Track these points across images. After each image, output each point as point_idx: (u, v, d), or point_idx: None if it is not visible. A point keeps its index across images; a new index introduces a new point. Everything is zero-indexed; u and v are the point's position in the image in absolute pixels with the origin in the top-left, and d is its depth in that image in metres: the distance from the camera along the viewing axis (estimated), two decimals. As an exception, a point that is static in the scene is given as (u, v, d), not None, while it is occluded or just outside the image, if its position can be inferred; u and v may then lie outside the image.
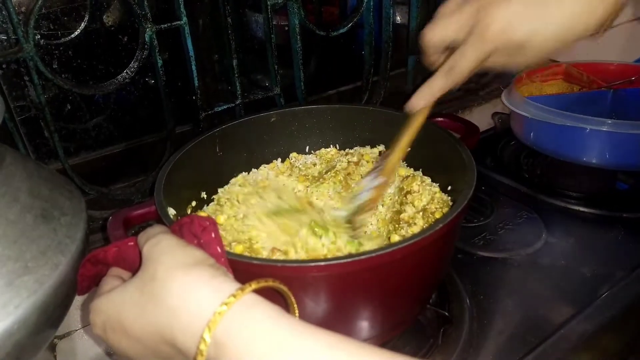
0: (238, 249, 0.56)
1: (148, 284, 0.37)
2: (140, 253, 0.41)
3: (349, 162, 0.72)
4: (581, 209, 0.86)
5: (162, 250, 0.39)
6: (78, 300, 0.66)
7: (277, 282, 0.39)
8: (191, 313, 0.35)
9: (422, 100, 0.56)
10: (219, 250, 0.41)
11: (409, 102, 0.57)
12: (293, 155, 0.77)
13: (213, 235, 0.41)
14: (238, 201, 0.66)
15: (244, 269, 0.42)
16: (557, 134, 0.88)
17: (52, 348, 0.66)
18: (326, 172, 0.71)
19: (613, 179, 0.92)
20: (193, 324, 0.34)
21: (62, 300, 0.42)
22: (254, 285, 0.35)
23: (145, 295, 0.37)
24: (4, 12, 0.63)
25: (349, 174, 0.70)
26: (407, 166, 0.72)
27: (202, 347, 0.33)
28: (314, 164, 0.75)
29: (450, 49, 0.52)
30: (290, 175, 0.73)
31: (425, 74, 0.57)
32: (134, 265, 0.43)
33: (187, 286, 0.36)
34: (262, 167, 0.75)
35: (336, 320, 0.51)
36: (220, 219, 0.63)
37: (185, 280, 0.36)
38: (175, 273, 0.37)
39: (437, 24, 0.52)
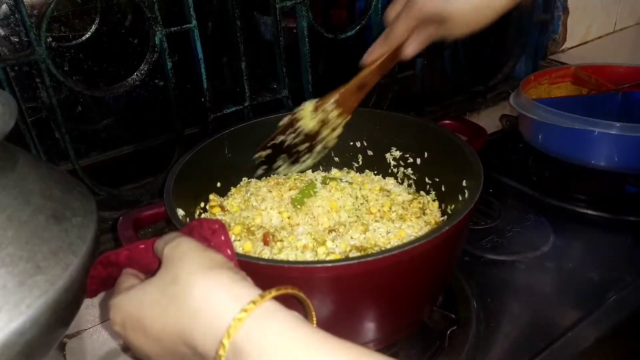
0: (236, 229, 0.59)
1: (170, 286, 0.38)
2: (152, 256, 0.42)
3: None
4: (589, 212, 0.86)
5: (183, 252, 0.39)
6: (88, 300, 0.67)
7: (295, 289, 0.39)
8: (211, 317, 0.35)
9: (369, 57, 0.63)
10: (229, 252, 0.41)
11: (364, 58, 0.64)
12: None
13: (223, 238, 0.42)
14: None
15: (252, 270, 0.43)
16: (565, 137, 0.88)
17: (62, 347, 0.67)
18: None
19: (621, 182, 0.91)
20: (213, 329, 0.35)
21: (73, 299, 0.43)
22: (273, 292, 0.36)
23: (166, 297, 0.38)
24: (16, 15, 0.64)
25: None
26: (407, 187, 0.74)
27: (221, 352, 0.33)
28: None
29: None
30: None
31: (432, 77, 0.58)
32: (145, 268, 0.44)
33: (208, 290, 0.36)
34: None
35: (343, 321, 0.52)
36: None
37: (206, 284, 0.36)
38: (196, 276, 0.37)
39: (393, 4, 0.61)
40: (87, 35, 0.74)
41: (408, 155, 0.73)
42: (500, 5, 0.54)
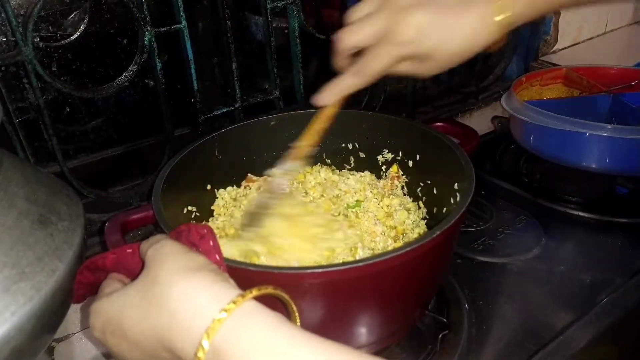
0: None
1: (149, 288, 0.37)
2: (140, 260, 0.41)
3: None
4: (580, 213, 0.86)
5: (165, 254, 0.39)
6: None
7: (278, 289, 0.38)
8: (190, 318, 0.34)
9: (330, 96, 0.56)
10: (218, 258, 0.41)
11: (317, 96, 0.57)
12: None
13: (211, 243, 0.41)
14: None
15: (241, 276, 0.42)
16: (556, 139, 0.88)
17: (50, 351, 0.66)
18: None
19: (613, 183, 0.92)
20: (192, 330, 0.34)
21: (59, 306, 0.42)
22: (255, 292, 0.35)
23: (145, 299, 0.37)
24: (2, 15, 0.63)
25: None
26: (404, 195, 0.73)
27: (200, 354, 0.33)
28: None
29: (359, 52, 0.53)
30: None
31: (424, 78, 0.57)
32: (132, 272, 0.43)
33: (188, 290, 0.35)
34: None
35: (334, 327, 0.51)
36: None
37: (186, 285, 0.36)
38: (177, 277, 0.36)
39: (353, 29, 0.52)
40: (75, 35, 0.73)
41: (400, 158, 0.72)
42: (479, 46, 0.50)
